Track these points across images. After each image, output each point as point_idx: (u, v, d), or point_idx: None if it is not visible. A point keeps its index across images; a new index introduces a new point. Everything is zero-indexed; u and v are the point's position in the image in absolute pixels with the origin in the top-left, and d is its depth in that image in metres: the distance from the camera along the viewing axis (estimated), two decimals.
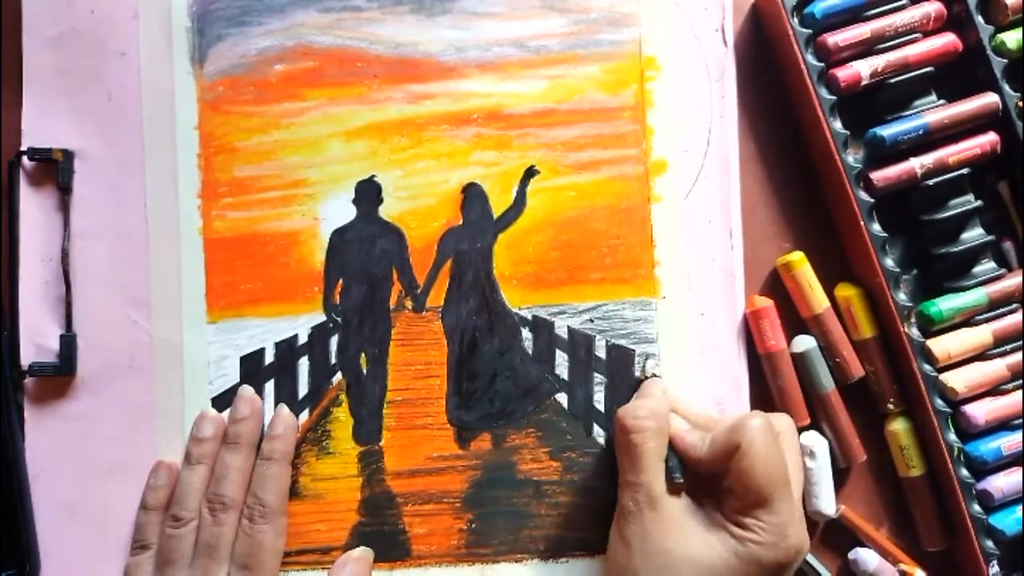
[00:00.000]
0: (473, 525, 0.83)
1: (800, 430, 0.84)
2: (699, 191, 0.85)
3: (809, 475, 0.82)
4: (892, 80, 0.83)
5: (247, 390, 0.84)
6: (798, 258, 0.83)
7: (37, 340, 0.84)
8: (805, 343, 0.83)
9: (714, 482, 0.74)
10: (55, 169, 0.84)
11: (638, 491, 0.74)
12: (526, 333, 0.85)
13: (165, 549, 0.80)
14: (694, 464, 0.75)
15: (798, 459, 0.78)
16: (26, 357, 0.83)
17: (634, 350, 0.84)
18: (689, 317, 0.85)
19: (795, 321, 0.85)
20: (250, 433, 0.82)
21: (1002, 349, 0.83)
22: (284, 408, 0.84)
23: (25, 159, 0.84)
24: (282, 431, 0.83)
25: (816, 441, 0.83)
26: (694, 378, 0.84)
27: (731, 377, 0.84)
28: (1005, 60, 0.82)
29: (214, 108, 0.85)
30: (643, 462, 0.74)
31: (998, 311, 0.83)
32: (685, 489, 0.75)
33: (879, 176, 0.81)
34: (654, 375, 0.83)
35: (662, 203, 0.85)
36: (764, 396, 0.85)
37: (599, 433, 0.84)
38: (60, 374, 0.83)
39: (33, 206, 0.84)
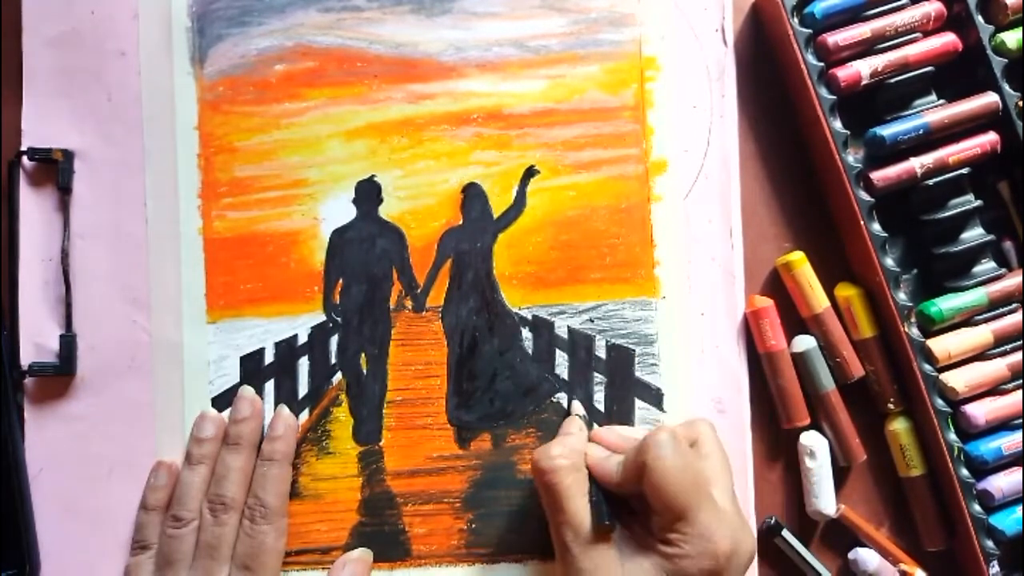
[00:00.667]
0: (473, 525, 0.83)
1: (800, 430, 0.84)
2: (699, 191, 0.85)
3: (809, 475, 0.83)
4: (892, 80, 0.83)
5: (248, 390, 0.84)
6: (798, 258, 0.83)
7: (37, 340, 0.84)
8: (805, 343, 0.83)
9: (641, 503, 0.74)
10: (55, 169, 0.84)
11: (565, 530, 0.73)
12: (526, 333, 0.85)
13: (166, 549, 0.79)
14: (613, 490, 0.75)
15: (722, 462, 0.77)
16: (26, 357, 0.83)
17: (634, 350, 0.84)
18: (689, 317, 0.85)
19: (795, 321, 0.85)
20: (251, 433, 0.82)
21: (1002, 349, 0.83)
22: (284, 409, 0.84)
23: (25, 159, 0.84)
24: (283, 432, 0.83)
25: (816, 441, 0.83)
26: (694, 378, 0.84)
27: (731, 377, 0.84)
28: (1005, 60, 0.82)
29: (214, 108, 0.85)
30: (563, 501, 0.74)
31: (998, 311, 0.83)
32: (615, 527, 0.74)
33: (879, 176, 0.81)
34: (577, 415, 0.83)
35: (662, 203, 0.85)
36: (764, 396, 0.85)
37: None
38: (60, 374, 0.83)
39: (33, 206, 0.84)
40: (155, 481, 0.82)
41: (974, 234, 0.83)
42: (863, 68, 0.82)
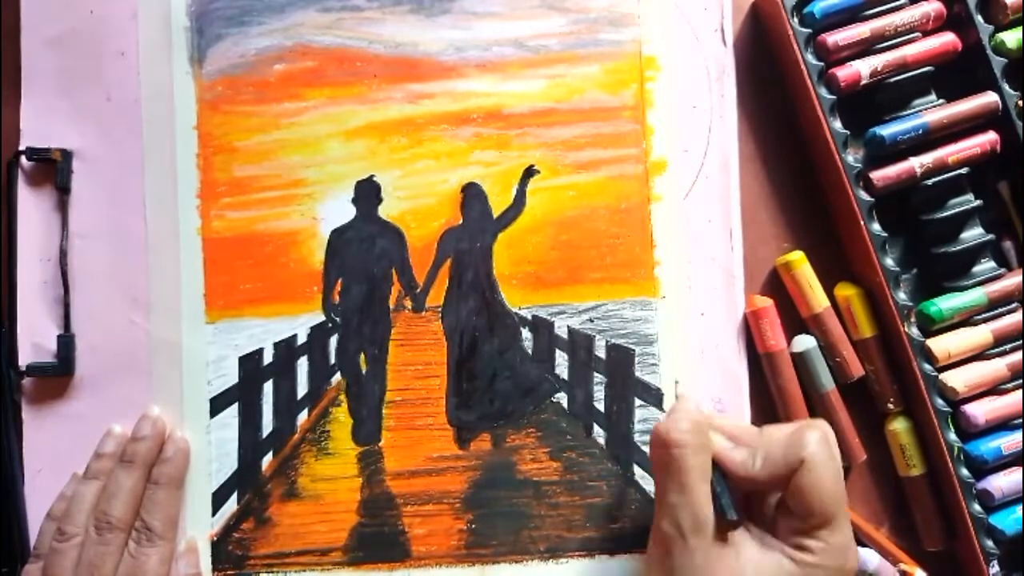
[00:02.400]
0: (473, 526, 0.83)
1: None
2: (699, 191, 0.85)
3: None
4: (892, 79, 0.83)
5: (153, 411, 0.83)
6: (798, 258, 0.83)
7: (35, 340, 0.84)
8: (805, 343, 0.83)
9: (760, 501, 0.71)
10: (54, 169, 0.84)
11: (681, 514, 0.68)
12: (526, 333, 0.85)
13: (49, 562, 0.78)
14: (746, 484, 0.70)
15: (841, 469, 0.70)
16: (24, 357, 0.84)
17: (634, 350, 0.84)
18: (689, 317, 0.84)
19: (795, 321, 0.85)
20: (146, 453, 0.81)
21: (1002, 348, 0.83)
22: (176, 432, 0.83)
23: (24, 159, 0.84)
24: (172, 454, 0.82)
25: None
26: (694, 378, 0.84)
27: (731, 377, 0.84)
28: (1005, 59, 0.82)
29: (213, 108, 0.85)
30: (688, 479, 0.68)
31: (998, 310, 0.83)
32: (741, 524, 0.70)
33: (879, 176, 0.81)
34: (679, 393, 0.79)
35: (662, 203, 0.85)
36: (764, 396, 0.85)
37: (599, 433, 0.84)
38: (59, 374, 0.83)
39: (32, 206, 0.84)
40: (65, 490, 0.81)
41: (974, 234, 0.83)
42: (863, 68, 0.82)
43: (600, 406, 0.85)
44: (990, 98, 0.82)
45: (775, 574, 0.66)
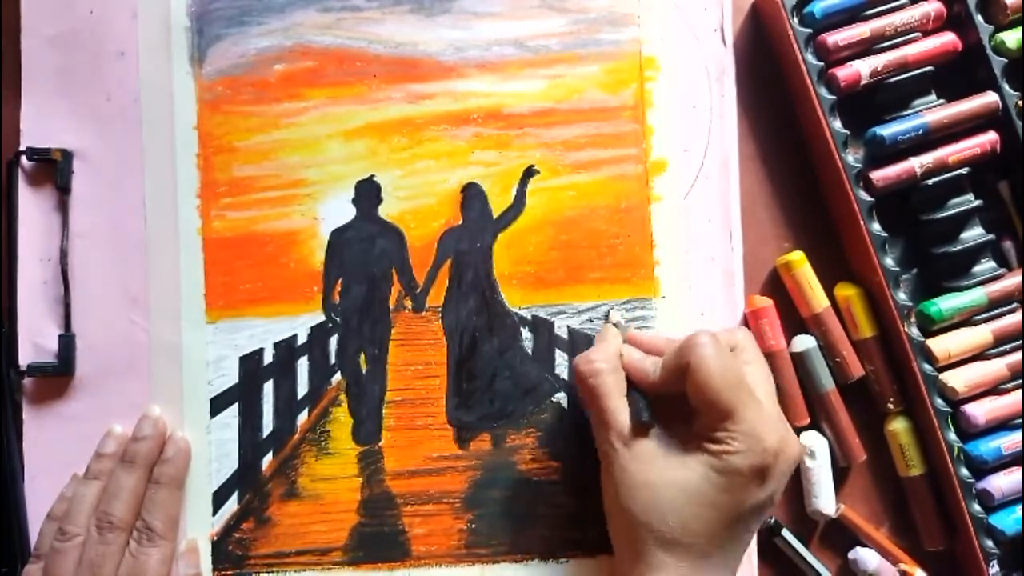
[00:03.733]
0: (473, 525, 0.83)
1: (799, 430, 0.84)
2: (699, 190, 0.85)
3: (809, 475, 0.83)
4: (892, 79, 0.83)
5: (153, 411, 0.83)
6: (798, 258, 0.83)
7: (36, 340, 0.84)
8: (805, 343, 0.83)
9: (682, 406, 0.73)
10: (54, 169, 0.84)
11: (609, 432, 0.74)
12: (526, 333, 0.85)
13: (49, 562, 0.78)
14: (650, 389, 0.75)
15: (763, 369, 0.77)
16: (24, 357, 0.84)
17: None
18: (689, 317, 0.85)
19: (795, 321, 0.85)
20: (147, 453, 0.81)
21: (1002, 349, 0.83)
22: (176, 432, 0.83)
23: (24, 159, 0.84)
24: (172, 455, 0.82)
25: (816, 441, 0.83)
26: None
27: None
28: (1005, 59, 0.82)
29: (213, 108, 0.85)
30: (605, 401, 0.74)
31: (998, 310, 0.83)
32: (653, 424, 0.74)
33: (879, 176, 0.81)
34: (613, 323, 0.83)
35: (662, 203, 0.85)
36: None
37: None
38: (59, 374, 0.83)
39: (32, 206, 0.84)
40: (65, 490, 0.81)
41: (974, 234, 0.83)
42: (863, 68, 0.82)
43: None
44: (990, 98, 0.82)
45: (693, 462, 0.71)
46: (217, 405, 0.84)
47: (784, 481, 0.72)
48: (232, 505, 0.84)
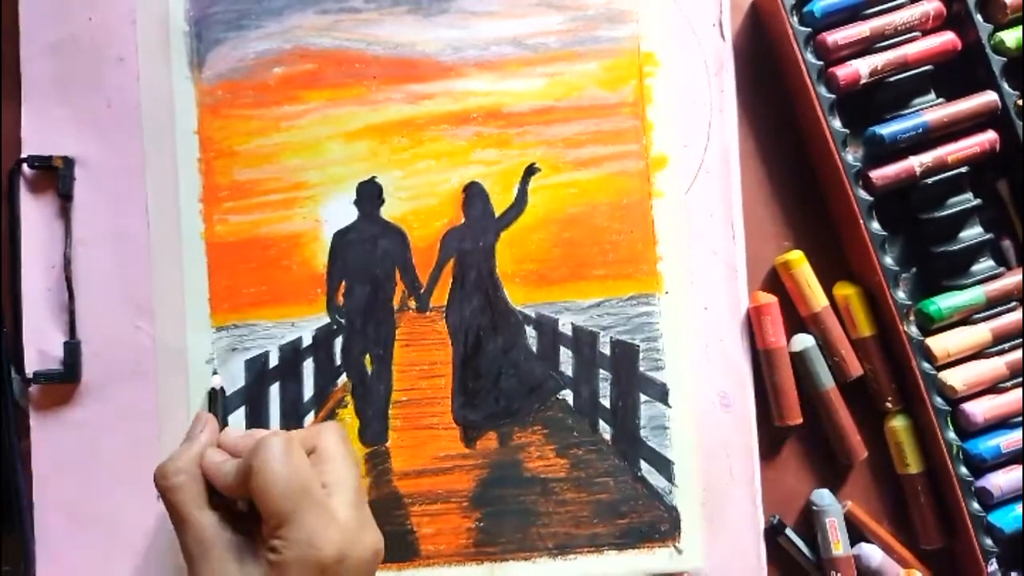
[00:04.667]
0: (481, 524, 0.84)
1: (793, 429, 0.86)
2: (700, 185, 0.86)
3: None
4: (891, 78, 0.83)
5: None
6: (797, 257, 0.84)
7: (41, 347, 0.84)
8: (804, 342, 0.84)
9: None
10: (55, 176, 0.84)
11: (187, 543, 0.71)
12: (530, 331, 0.86)
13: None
14: (227, 493, 0.73)
15: (346, 468, 0.74)
16: (30, 364, 0.84)
17: (638, 345, 0.85)
18: (692, 312, 0.85)
19: (794, 320, 0.86)
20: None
21: (1001, 347, 0.83)
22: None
23: (25, 167, 0.83)
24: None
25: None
26: (698, 373, 0.85)
27: (735, 372, 0.85)
28: (1004, 58, 0.83)
29: (213, 112, 0.85)
30: (182, 512, 0.72)
31: (997, 309, 0.84)
32: (236, 518, 0.73)
33: (878, 174, 0.82)
34: (214, 388, 0.84)
35: (663, 198, 0.85)
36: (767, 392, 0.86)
37: (605, 429, 0.85)
38: (64, 381, 0.83)
39: (34, 214, 0.84)
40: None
41: (973, 233, 0.84)
42: (862, 67, 0.82)
43: (606, 402, 0.85)
44: (990, 97, 0.83)
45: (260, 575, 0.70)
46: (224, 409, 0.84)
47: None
48: None
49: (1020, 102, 0.82)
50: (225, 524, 0.72)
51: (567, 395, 0.86)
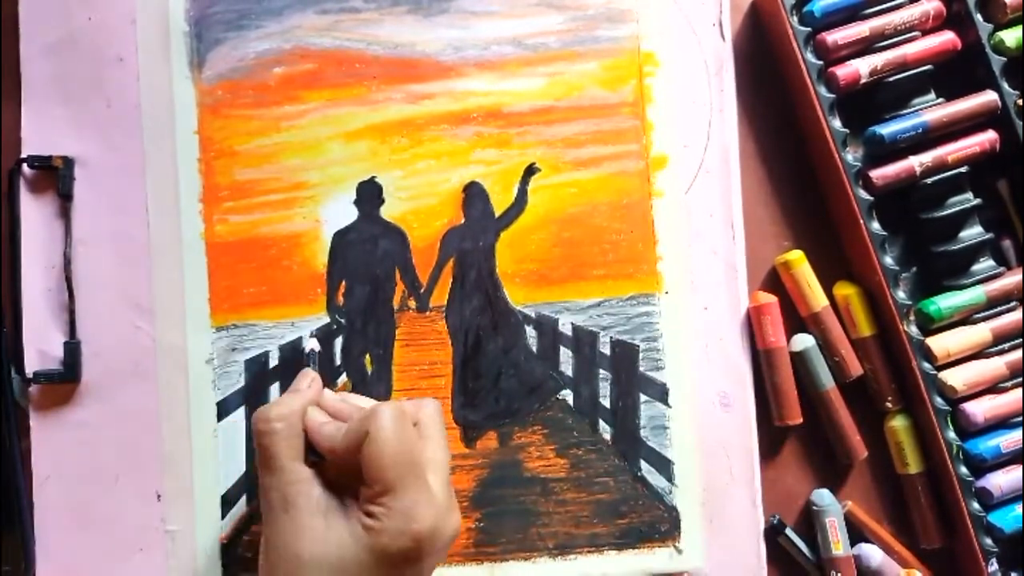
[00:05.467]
0: (481, 524, 0.84)
1: (793, 429, 0.86)
2: (700, 185, 0.86)
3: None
4: (891, 78, 0.83)
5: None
6: (797, 256, 0.84)
7: (41, 347, 0.84)
8: (804, 342, 0.84)
9: (357, 475, 0.73)
10: (55, 176, 0.84)
11: (271, 493, 0.73)
12: (530, 331, 0.86)
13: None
14: (329, 456, 0.74)
15: (442, 446, 0.75)
16: (31, 365, 0.84)
17: (638, 345, 0.85)
18: (692, 311, 0.85)
19: (794, 320, 0.86)
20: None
21: (1001, 347, 0.84)
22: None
23: (25, 167, 0.83)
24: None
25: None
26: (698, 373, 0.85)
27: (735, 371, 0.85)
28: (1004, 58, 0.83)
29: (213, 112, 0.85)
30: (275, 462, 0.73)
31: (997, 309, 0.84)
32: (325, 479, 0.74)
33: (878, 174, 0.82)
34: (311, 350, 0.83)
35: (663, 198, 0.85)
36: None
37: (605, 429, 0.85)
38: (65, 381, 0.83)
39: (34, 214, 0.84)
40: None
41: (973, 232, 0.84)
42: (862, 67, 0.82)
43: (606, 402, 0.85)
44: (989, 97, 0.83)
45: (348, 537, 0.70)
46: (224, 409, 0.84)
47: (442, 555, 0.73)
48: (241, 508, 0.84)
49: (1020, 102, 0.82)
50: (315, 481, 0.73)
51: (567, 395, 0.85)
